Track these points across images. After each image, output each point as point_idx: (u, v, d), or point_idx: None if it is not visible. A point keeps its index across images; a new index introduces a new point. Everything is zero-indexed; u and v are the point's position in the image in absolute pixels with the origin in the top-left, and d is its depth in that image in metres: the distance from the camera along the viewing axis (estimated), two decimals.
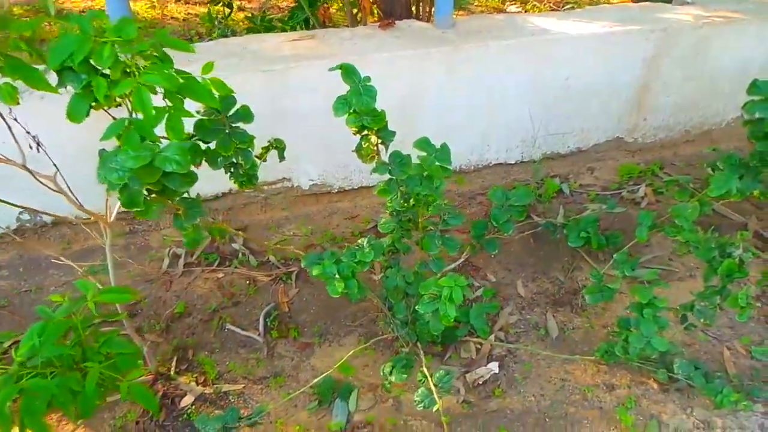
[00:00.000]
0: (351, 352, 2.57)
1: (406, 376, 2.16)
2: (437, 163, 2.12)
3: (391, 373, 2.17)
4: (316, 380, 2.48)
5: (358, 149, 1.95)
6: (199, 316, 2.88)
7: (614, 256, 2.79)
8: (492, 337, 2.73)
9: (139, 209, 1.54)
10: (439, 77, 3.26)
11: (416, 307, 2.09)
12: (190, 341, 2.75)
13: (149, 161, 1.38)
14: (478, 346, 2.71)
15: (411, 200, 2.01)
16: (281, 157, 2.22)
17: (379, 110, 1.82)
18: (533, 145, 3.77)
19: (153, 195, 1.69)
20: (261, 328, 2.78)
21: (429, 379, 2.05)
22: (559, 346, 2.73)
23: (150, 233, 3.41)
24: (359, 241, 2.10)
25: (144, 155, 1.39)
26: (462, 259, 3.05)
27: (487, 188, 3.71)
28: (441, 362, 2.65)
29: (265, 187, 3.44)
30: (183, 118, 1.65)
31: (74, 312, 1.92)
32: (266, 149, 2.23)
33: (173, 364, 2.62)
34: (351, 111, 1.76)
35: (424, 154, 2.14)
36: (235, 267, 3.15)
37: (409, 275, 2.40)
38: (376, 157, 1.97)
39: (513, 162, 3.82)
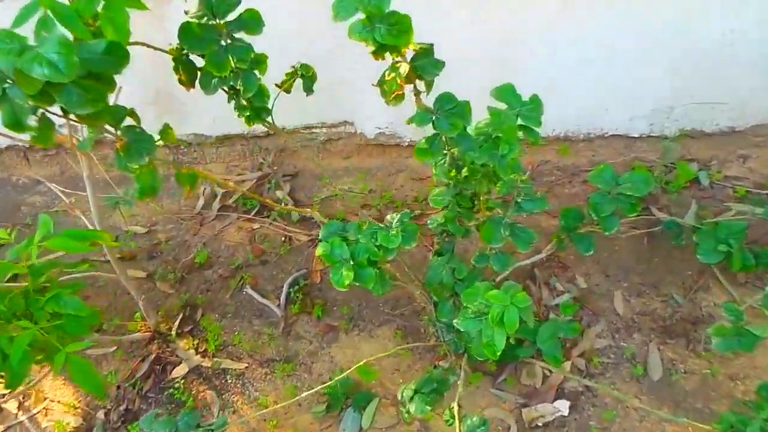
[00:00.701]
0: (382, 350, 2.04)
1: (429, 408, 1.59)
2: (519, 121, 1.44)
3: (412, 398, 1.61)
4: (331, 378, 1.99)
5: (381, 83, 1.32)
6: (220, 270, 2.47)
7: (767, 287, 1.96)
8: (567, 364, 2.06)
9: (30, 133, 1.06)
10: (549, 13, 2.47)
11: (455, 321, 1.49)
12: (202, 299, 2.35)
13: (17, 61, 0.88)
14: (547, 373, 2.06)
15: (464, 170, 1.37)
16: (308, 89, 1.65)
17: (403, 15, 1.16)
18: (668, 116, 2.87)
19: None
20: (282, 298, 2.32)
21: (458, 423, 1.46)
22: (661, 395, 2.00)
23: (195, 165, 3.04)
24: (388, 217, 1.51)
25: (12, 49, 0.89)
26: (546, 252, 2.34)
27: (597, 164, 2.90)
28: (492, 385, 2.04)
29: (324, 130, 2.91)
30: (136, 11, 1.14)
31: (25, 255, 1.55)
32: (291, 76, 1.67)
33: (176, 323, 2.25)
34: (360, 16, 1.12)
35: (505, 107, 1.47)
36: (273, 219, 2.69)
37: (461, 269, 1.79)
38: (414, 99, 1.33)
39: (637, 135, 2.94)
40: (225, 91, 1.53)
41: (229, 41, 1.41)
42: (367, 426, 1.91)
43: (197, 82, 1.51)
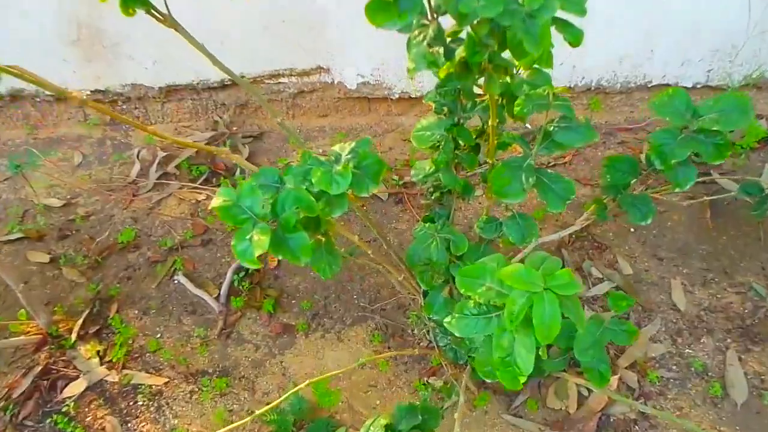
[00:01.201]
0: (353, 358, 1.45)
1: None
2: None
3: None
4: (279, 397, 1.40)
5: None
6: (149, 252, 1.89)
7: None
8: (613, 380, 1.46)
9: None
10: None
11: (446, 321, 0.90)
12: (118, 290, 1.78)
13: None
14: (584, 392, 1.46)
15: (459, 52, 0.77)
16: None
17: None
18: (732, 60, 2.25)
19: None
20: (223, 288, 1.73)
21: None
22: (748, 425, 1.40)
23: (134, 130, 2.46)
24: (335, 147, 0.93)
25: None
26: (580, 224, 1.71)
27: (637, 122, 2.29)
28: (506, 409, 1.45)
29: (294, 79, 2.32)
30: None
31: None
32: None
33: (80, 322, 1.67)
34: None
35: None
36: None
37: (460, 241, 1.19)
38: None
39: (690, 85, 2.32)
40: None
41: None
42: None
43: None
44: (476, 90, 1.08)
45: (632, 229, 1.88)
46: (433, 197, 1.31)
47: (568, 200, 1.07)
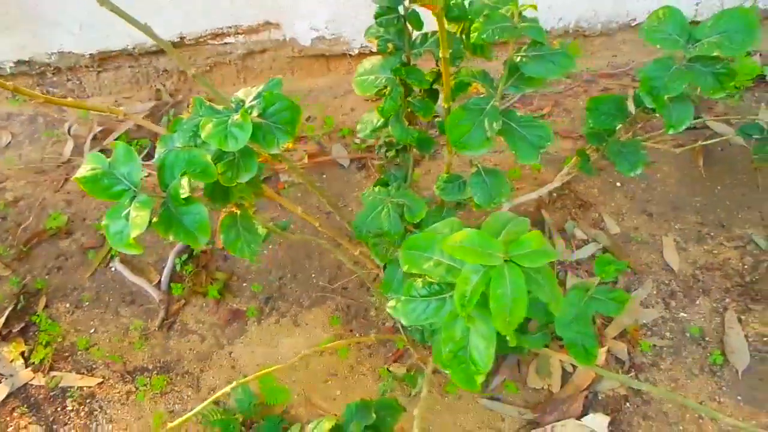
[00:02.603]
0: (310, 344, 1.28)
1: None
2: None
3: None
4: (228, 394, 1.22)
5: None
6: (83, 239, 1.69)
7: None
8: (601, 352, 1.30)
9: None
10: None
11: (389, 305, 0.72)
12: (47, 282, 1.58)
13: None
14: (569, 369, 1.30)
15: None
16: None
17: None
18: None
19: None
20: (165, 274, 1.54)
21: None
22: (752, 395, 1.25)
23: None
24: (238, 93, 0.73)
25: None
26: (561, 179, 1.52)
27: (621, 67, 2.09)
28: (481, 392, 1.28)
29: (241, 38, 2.09)
30: None
31: None
32: None
33: (1, 320, 1.48)
34: None
35: None
36: None
37: (416, 206, 1.00)
38: None
39: None
40: None
41: None
42: None
43: None
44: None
45: (619, 183, 1.70)
46: (387, 157, 1.12)
47: (542, 148, 0.88)
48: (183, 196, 0.68)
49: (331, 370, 1.34)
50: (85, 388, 1.35)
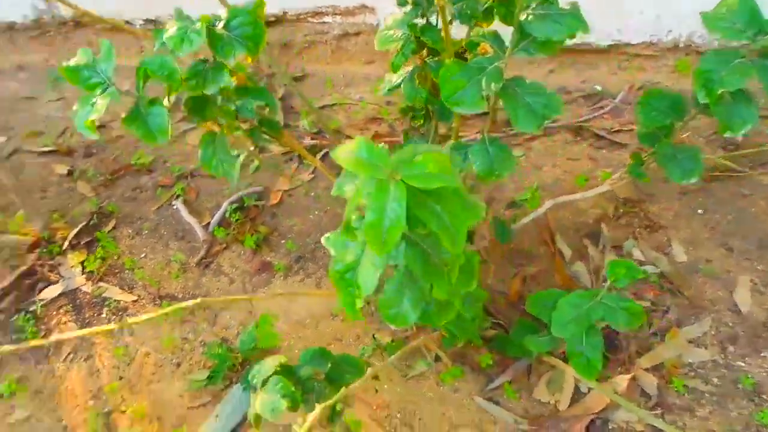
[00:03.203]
0: (324, 308, 1.30)
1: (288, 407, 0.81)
2: None
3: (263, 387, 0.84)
4: (239, 335, 1.28)
5: None
6: (160, 177, 1.85)
7: None
8: (623, 379, 1.15)
9: None
10: None
11: (323, 238, 0.70)
12: (119, 207, 1.75)
13: None
14: (583, 389, 1.18)
15: None
16: None
17: None
18: None
19: None
20: (215, 218, 1.64)
21: None
22: None
23: None
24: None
25: None
26: (606, 186, 1.27)
27: None
28: (481, 390, 1.20)
29: (338, 18, 2.17)
30: None
31: None
32: None
33: (74, 231, 1.67)
34: None
35: None
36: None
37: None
38: None
39: None
40: None
41: None
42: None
43: None
44: None
45: (700, 211, 1.51)
46: (411, 122, 1.09)
47: (547, 119, 0.81)
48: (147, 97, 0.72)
49: (338, 335, 1.33)
50: (121, 302, 1.47)
